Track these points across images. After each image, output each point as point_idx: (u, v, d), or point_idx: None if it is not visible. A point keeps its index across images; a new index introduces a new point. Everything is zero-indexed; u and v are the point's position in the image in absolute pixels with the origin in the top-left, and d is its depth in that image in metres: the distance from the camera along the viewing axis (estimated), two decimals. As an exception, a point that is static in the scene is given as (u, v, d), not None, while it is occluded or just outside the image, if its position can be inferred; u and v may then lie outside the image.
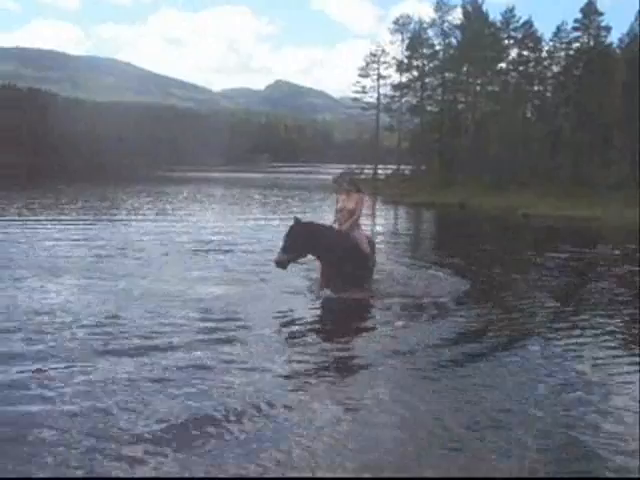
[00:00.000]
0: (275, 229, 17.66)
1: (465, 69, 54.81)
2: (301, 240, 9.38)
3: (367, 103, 63.19)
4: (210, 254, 14.15)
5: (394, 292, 10.17)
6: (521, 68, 52.30)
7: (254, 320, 8.15)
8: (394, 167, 61.43)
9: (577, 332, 8.32)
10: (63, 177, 56.10)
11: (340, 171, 58.57)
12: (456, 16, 56.18)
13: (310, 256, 10.02)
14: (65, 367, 6.13)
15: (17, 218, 21.37)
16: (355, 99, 63.77)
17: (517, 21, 52.40)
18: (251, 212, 28.44)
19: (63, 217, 22.38)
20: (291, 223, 9.66)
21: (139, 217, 23.67)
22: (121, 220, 22.31)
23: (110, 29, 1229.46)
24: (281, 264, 9.48)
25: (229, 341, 7.18)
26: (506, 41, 53.24)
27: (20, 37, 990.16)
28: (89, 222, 21.20)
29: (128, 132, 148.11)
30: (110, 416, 5.06)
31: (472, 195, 38.25)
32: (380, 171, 61.42)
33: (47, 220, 21.04)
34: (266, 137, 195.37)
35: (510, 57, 53.17)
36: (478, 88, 55.03)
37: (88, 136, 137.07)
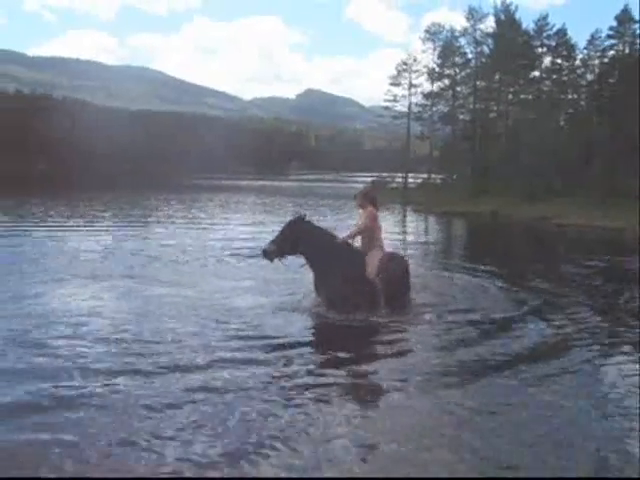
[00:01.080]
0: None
1: (497, 77, 54.44)
2: (294, 236, 9.11)
3: (398, 112, 63.03)
4: (245, 260, 14.22)
5: (435, 303, 9.76)
6: (554, 76, 51.82)
7: (290, 336, 7.95)
8: (425, 176, 61.18)
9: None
10: (96, 185, 56.85)
11: (370, 179, 58.78)
12: (488, 24, 55.92)
13: None
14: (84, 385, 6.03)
15: (54, 224, 21.70)
16: (386, 108, 63.64)
17: (550, 29, 51.95)
18: (283, 219, 28.54)
19: (98, 224, 22.73)
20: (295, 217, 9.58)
21: (174, 224, 23.92)
22: (156, 227, 22.58)
23: (144, 38, 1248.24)
24: (268, 255, 9.10)
25: (264, 361, 6.90)
26: (539, 49, 52.79)
27: (56, 47, 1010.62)
28: (124, 229, 21.47)
29: (160, 140, 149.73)
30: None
31: (504, 204, 37.91)
32: (411, 180, 61.22)
33: (83, 227, 21.39)
34: (296, 145, 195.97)
35: (543, 65, 52.73)
36: (510, 96, 54.61)
37: (121, 144, 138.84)
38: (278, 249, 9.13)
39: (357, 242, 9.48)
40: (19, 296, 9.61)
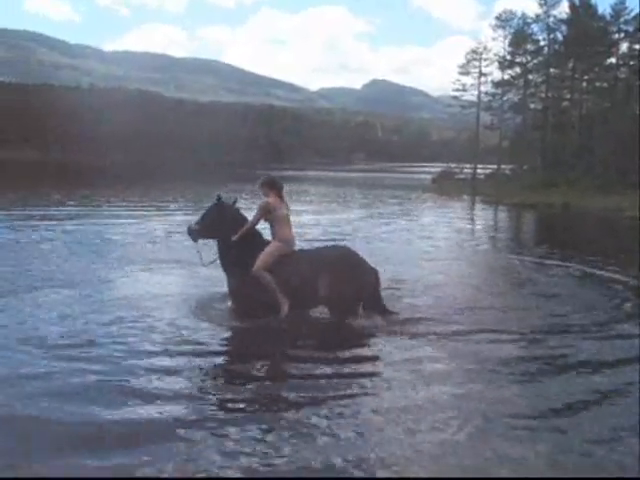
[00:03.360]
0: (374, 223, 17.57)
1: (571, 65, 52.85)
2: (220, 219, 8.43)
3: (467, 101, 61.98)
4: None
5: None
6: (632, 63, 49.82)
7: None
8: (494, 167, 60.01)
9: None
10: (168, 175, 58.08)
11: (438, 170, 58.05)
12: (562, 10, 54.31)
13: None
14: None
15: (133, 212, 22.24)
16: (455, 97, 62.65)
17: (628, 13, 49.98)
18: (350, 209, 28.48)
19: (179, 212, 23.24)
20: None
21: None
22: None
23: (213, 31, 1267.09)
24: (191, 233, 8.52)
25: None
26: (616, 35, 50.95)
27: (129, 41, 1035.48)
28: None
29: (227, 131, 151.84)
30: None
31: (576, 196, 36.80)
32: (480, 171, 60.20)
33: (165, 214, 22.01)
34: (362, 136, 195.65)
35: (620, 51, 50.84)
36: (585, 84, 52.95)
37: (190, 135, 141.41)
38: (200, 229, 8.47)
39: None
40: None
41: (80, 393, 5.47)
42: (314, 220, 22.25)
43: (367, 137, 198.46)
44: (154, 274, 10.96)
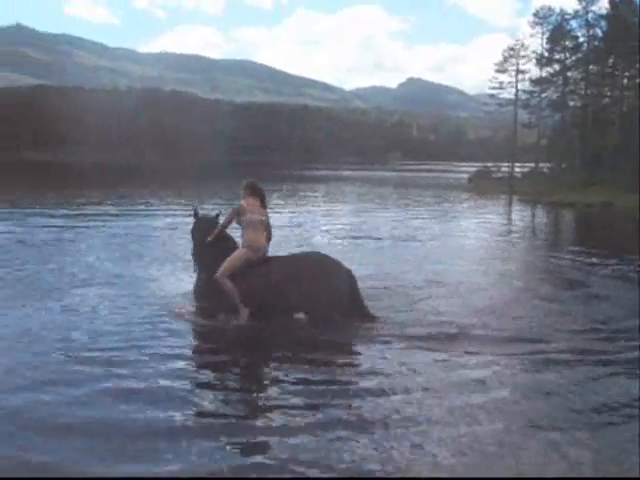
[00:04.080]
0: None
1: (611, 61, 51.83)
2: (196, 232, 8.72)
3: (504, 99, 61.19)
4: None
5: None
6: (675, 59, 48.69)
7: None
8: (532, 165, 59.18)
9: None
10: (203, 175, 58.49)
11: (475, 169, 57.42)
12: (602, 5, 53.26)
13: None
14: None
15: (171, 211, 22.44)
16: (491, 95, 61.92)
17: (671, 8, 48.85)
18: (385, 208, 28.39)
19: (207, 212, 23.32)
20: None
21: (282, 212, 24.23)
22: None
23: (249, 32, 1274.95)
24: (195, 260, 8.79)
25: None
26: (658, 30, 49.77)
27: (164, 42, 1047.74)
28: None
29: (262, 132, 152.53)
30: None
31: (617, 195, 36.06)
32: (517, 169, 59.42)
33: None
34: (398, 135, 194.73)
35: (663, 47, 49.66)
36: (625, 81, 51.86)
37: (225, 136, 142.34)
38: (196, 247, 8.72)
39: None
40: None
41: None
42: (350, 219, 22.28)
43: (403, 136, 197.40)
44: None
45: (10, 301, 8.64)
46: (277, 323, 7.78)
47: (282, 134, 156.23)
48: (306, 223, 20.60)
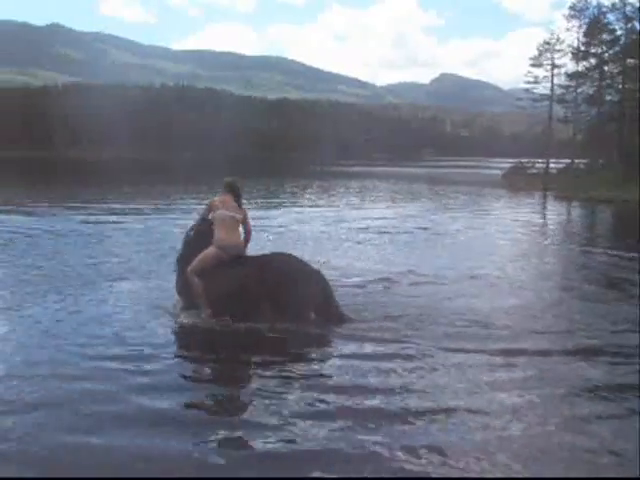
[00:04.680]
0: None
1: (650, 55, 50.83)
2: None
3: (539, 94, 60.47)
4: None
5: None
6: None
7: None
8: (567, 161, 58.37)
9: None
10: (238, 172, 58.81)
11: (509, 165, 56.86)
12: (640, -2, 52.09)
13: None
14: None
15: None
16: (526, 90, 61.23)
17: None
18: (419, 205, 28.28)
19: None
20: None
21: (316, 207, 24.30)
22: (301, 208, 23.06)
23: (281, 29, 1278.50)
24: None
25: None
26: (698, 23, 48.75)
27: (198, 40, 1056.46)
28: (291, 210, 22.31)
29: (295, 128, 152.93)
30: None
31: (656, 191, 35.34)
32: (552, 165, 58.65)
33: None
34: (431, 131, 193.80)
35: (702, 40, 48.58)
36: (664, 75, 50.82)
37: (259, 132, 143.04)
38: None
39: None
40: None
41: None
42: (385, 215, 22.27)
43: (435, 132, 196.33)
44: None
45: (45, 294, 8.94)
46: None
47: (314, 130, 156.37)
48: (339, 219, 20.66)
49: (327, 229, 17.67)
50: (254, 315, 7.58)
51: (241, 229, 8.17)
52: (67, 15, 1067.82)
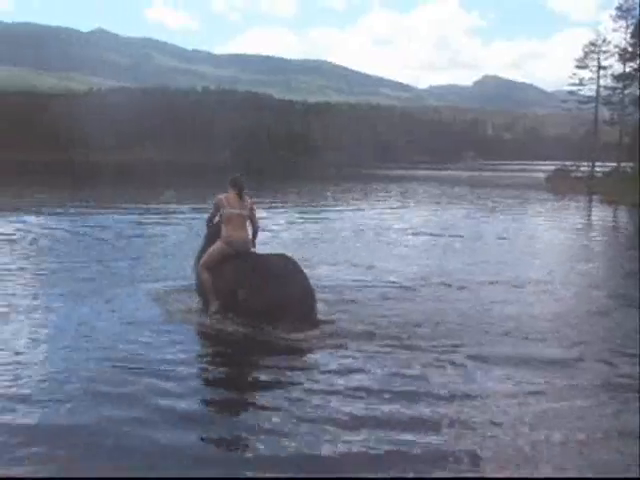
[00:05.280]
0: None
1: (700, 55, 49.64)
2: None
3: (584, 96, 59.48)
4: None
5: None
6: None
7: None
8: (613, 164, 57.24)
9: None
10: (278, 174, 59.18)
11: (552, 168, 55.86)
12: (690, -3, 50.97)
13: None
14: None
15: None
16: (571, 92, 60.28)
17: None
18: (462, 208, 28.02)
19: (284, 210, 23.61)
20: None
21: (357, 210, 24.28)
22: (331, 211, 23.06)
23: (322, 32, 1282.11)
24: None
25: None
26: None
27: (239, 44, 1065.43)
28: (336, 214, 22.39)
29: (334, 131, 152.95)
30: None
31: None
32: (598, 169, 57.57)
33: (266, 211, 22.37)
34: (473, 134, 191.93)
35: None
36: None
37: (298, 136, 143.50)
38: None
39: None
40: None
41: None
42: (430, 219, 22.18)
43: (477, 135, 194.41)
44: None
45: (85, 296, 9.22)
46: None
47: (355, 133, 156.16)
48: (380, 221, 20.59)
49: (369, 231, 17.67)
50: (237, 306, 7.77)
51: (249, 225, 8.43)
52: (112, 21, 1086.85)
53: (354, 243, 15.36)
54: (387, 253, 14.01)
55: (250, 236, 8.41)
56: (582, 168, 57.39)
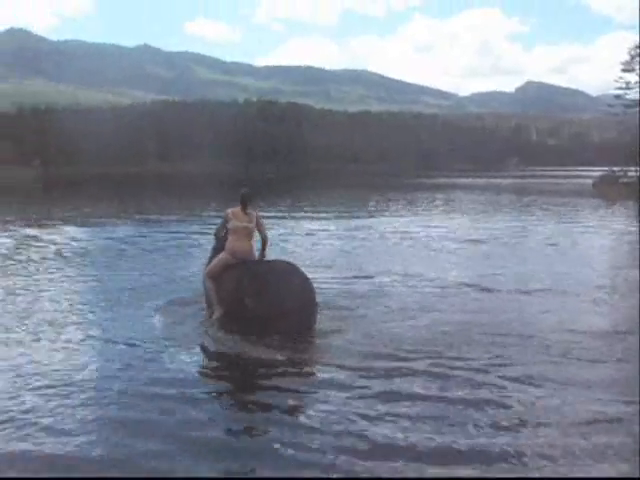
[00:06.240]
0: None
1: None
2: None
3: (631, 100, 58.33)
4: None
5: None
6: None
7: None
8: (663, 169, 55.87)
9: None
10: (321, 185, 59.29)
11: (599, 174, 54.64)
12: None
13: None
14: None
15: (291, 220, 22.91)
16: (617, 96, 59.24)
17: None
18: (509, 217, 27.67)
19: (335, 218, 23.65)
20: None
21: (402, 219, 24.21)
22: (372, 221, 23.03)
23: (363, 41, 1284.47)
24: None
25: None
26: None
27: (280, 56, 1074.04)
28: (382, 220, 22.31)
29: (376, 140, 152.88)
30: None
31: None
32: (646, 174, 56.23)
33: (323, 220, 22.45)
34: (516, 141, 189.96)
35: None
36: None
37: (339, 146, 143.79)
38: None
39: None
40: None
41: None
42: (476, 226, 21.98)
43: (521, 141, 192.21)
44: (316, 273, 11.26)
45: (124, 307, 9.59)
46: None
47: (397, 142, 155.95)
48: (427, 230, 20.47)
49: (416, 241, 17.60)
50: (241, 311, 7.96)
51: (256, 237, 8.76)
52: (155, 36, 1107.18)
53: (402, 251, 15.31)
54: (441, 260, 13.94)
55: (254, 248, 8.73)
56: (630, 173, 56.21)
